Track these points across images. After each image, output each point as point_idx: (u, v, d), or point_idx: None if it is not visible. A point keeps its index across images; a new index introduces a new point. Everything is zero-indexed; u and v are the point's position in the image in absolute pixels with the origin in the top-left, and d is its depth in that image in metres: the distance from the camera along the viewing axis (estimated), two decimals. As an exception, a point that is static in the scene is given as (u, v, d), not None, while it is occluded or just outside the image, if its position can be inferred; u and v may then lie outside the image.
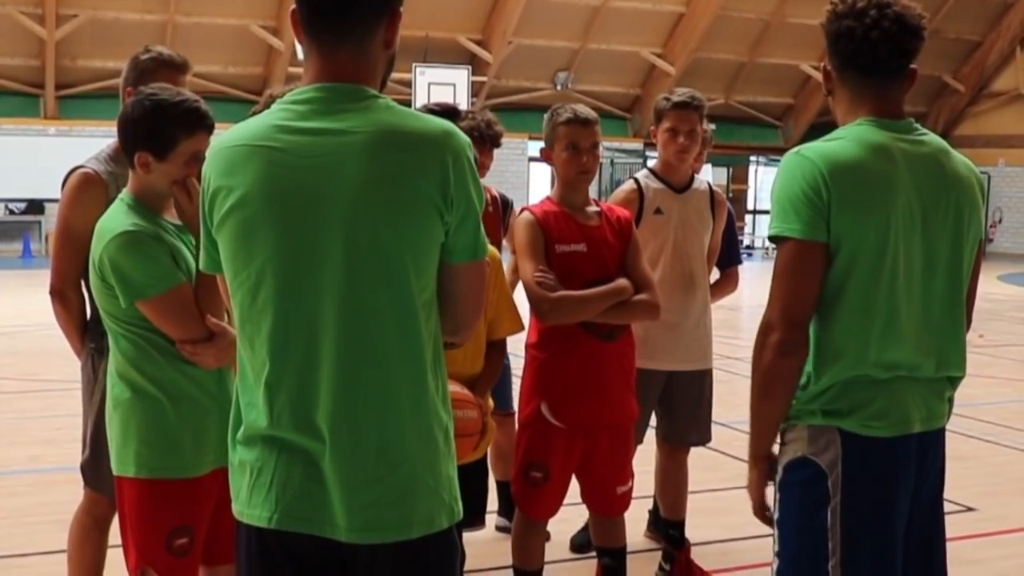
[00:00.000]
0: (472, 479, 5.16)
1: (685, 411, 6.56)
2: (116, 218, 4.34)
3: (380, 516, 3.01)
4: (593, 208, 5.67)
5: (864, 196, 3.65)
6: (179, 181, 4.30)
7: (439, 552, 3.12)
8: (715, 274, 7.39)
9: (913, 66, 3.84)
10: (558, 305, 5.36)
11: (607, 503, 5.81)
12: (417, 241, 2.98)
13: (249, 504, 3.12)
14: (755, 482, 4.02)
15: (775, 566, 3.88)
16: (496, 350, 5.43)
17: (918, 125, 3.91)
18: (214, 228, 3.12)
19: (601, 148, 5.79)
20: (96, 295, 4.44)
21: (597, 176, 6.16)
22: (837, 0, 3.84)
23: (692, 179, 6.56)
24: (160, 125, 4.24)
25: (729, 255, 7.30)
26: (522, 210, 5.66)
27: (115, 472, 4.50)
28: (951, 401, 3.95)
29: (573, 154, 5.53)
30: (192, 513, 4.38)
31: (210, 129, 4.35)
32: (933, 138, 3.93)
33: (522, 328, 5.51)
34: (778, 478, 3.91)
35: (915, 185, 3.73)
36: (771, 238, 3.78)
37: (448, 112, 6.23)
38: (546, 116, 5.73)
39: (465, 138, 3.08)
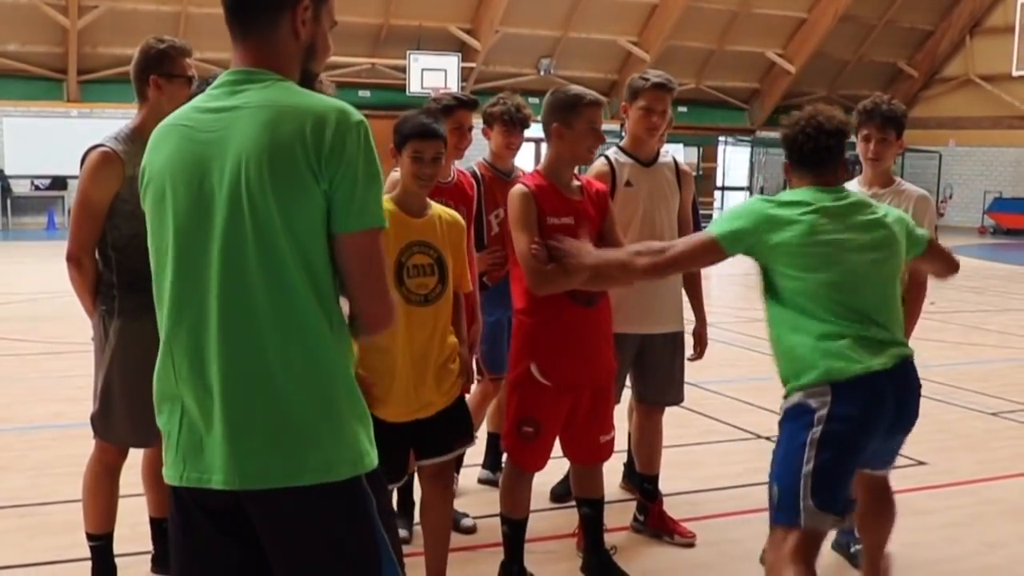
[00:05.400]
0: (460, 410, 5.41)
1: (659, 372, 6.52)
2: None
3: (268, 464, 2.99)
4: (576, 183, 5.66)
5: (794, 232, 4.71)
6: None
7: (339, 499, 3.07)
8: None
9: (845, 156, 4.95)
10: (550, 277, 5.36)
11: (591, 451, 5.81)
12: (291, 206, 2.94)
13: (166, 466, 3.15)
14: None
15: (770, 471, 4.74)
16: (461, 301, 5.46)
17: (850, 192, 4.96)
18: (143, 201, 3.19)
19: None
20: None
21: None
22: (786, 118, 5.01)
23: (658, 154, 6.53)
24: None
25: (693, 226, 7.29)
26: (514, 182, 5.63)
27: None
28: (903, 342, 4.87)
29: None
30: None
31: None
32: (861, 198, 4.98)
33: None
34: (779, 420, 4.80)
35: (843, 223, 4.76)
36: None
37: (467, 103, 6.58)
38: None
39: (357, 116, 3.03)
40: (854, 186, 5.98)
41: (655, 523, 6.63)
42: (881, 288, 4.81)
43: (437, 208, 5.29)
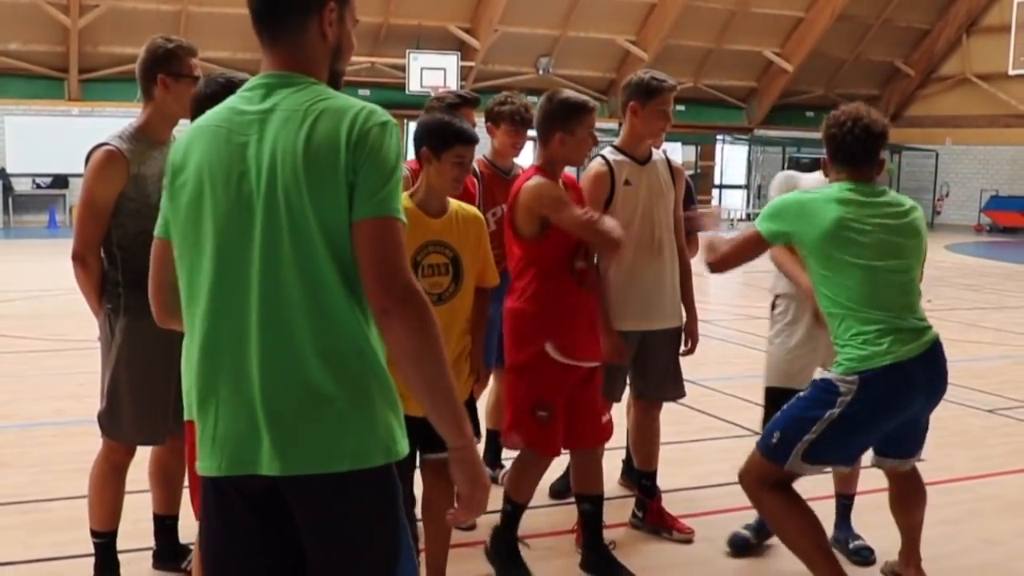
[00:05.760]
0: (469, 409, 5.34)
1: (659, 368, 6.53)
2: None
3: (308, 451, 3.03)
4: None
5: (828, 222, 5.05)
6: None
7: (373, 486, 3.11)
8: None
9: (882, 157, 5.27)
10: (609, 235, 5.55)
11: (595, 433, 5.88)
12: (324, 203, 2.98)
13: (201, 457, 3.17)
14: None
15: (779, 414, 5.21)
16: (483, 296, 5.49)
17: (885, 188, 5.29)
18: (171, 198, 3.21)
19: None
20: None
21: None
22: (830, 115, 5.32)
23: (651, 152, 6.55)
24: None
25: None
26: (530, 176, 5.67)
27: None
28: (931, 326, 5.26)
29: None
30: None
31: None
32: (893, 194, 5.29)
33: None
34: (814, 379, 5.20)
35: (879, 223, 5.08)
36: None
37: (471, 101, 6.79)
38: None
39: (386, 116, 3.07)
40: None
41: (653, 519, 6.64)
42: (908, 277, 5.16)
43: (455, 205, 5.30)
